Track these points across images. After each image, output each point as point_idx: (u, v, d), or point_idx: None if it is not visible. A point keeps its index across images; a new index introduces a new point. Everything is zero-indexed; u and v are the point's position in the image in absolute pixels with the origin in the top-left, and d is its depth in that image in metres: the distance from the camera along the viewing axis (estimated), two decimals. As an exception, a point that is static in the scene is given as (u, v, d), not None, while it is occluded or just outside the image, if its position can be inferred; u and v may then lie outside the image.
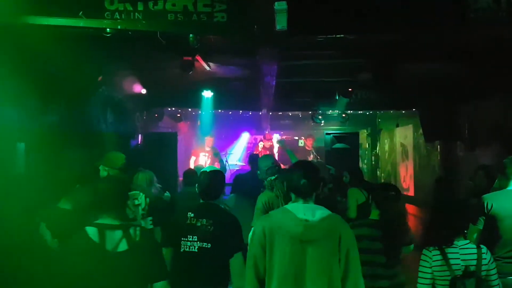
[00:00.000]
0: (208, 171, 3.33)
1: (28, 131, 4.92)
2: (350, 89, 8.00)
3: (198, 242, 2.97)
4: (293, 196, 2.55)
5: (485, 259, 2.77)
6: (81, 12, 4.58)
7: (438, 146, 9.03)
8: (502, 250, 3.65)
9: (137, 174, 4.73)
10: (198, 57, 6.17)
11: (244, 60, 6.62)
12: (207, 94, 8.66)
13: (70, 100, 5.62)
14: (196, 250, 2.96)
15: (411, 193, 10.81)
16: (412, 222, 9.67)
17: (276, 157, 10.72)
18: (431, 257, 2.77)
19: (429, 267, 2.76)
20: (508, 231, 3.65)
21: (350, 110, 9.44)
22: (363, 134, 13.21)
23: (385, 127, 12.48)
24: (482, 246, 2.83)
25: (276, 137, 12.55)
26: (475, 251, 2.77)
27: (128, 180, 4.24)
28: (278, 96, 8.47)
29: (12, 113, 4.70)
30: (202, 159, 9.83)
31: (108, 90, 6.74)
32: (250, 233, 3.25)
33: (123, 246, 2.42)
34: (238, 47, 5.94)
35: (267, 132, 12.58)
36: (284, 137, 13.49)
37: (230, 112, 10.69)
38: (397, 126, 11.25)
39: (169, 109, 10.03)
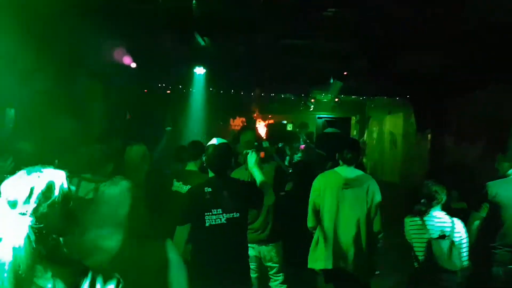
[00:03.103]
0: (216, 144, 3.21)
1: (18, 97, 4.71)
2: (345, 73, 7.93)
3: (224, 214, 2.99)
4: (341, 162, 3.86)
5: (458, 228, 3.36)
6: None
7: (429, 136, 9.05)
8: (504, 238, 3.62)
9: (130, 147, 4.50)
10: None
11: (241, 36, 6.46)
12: (199, 70, 8.47)
13: (61, 66, 5.40)
14: (225, 221, 2.98)
15: (396, 181, 10.87)
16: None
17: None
18: (411, 222, 3.49)
19: (415, 231, 3.44)
20: (511, 219, 3.62)
21: (344, 95, 9.37)
22: (352, 121, 13.21)
23: (374, 115, 12.47)
24: (457, 219, 3.43)
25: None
26: (450, 220, 3.39)
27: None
28: (272, 77, 8.35)
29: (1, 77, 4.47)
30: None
31: (100, 60, 6.51)
32: None
33: (89, 195, 3.04)
34: (237, 22, 5.77)
35: (255, 115, 12.47)
36: (272, 120, 13.39)
37: (222, 91, 10.51)
38: (389, 113, 11.23)
39: (159, 85, 9.80)
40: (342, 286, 3.81)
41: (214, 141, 3.18)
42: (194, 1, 4.34)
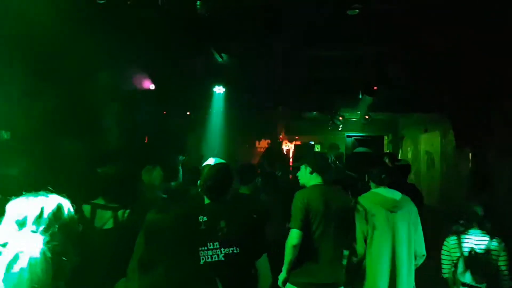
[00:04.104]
0: (213, 164, 2.78)
1: (14, 119, 4.39)
2: (375, 87, 7.34)
3: (222, 249, 2.52)
4: (372, 185, 3.60)
5: (495, 246, 3.39)
6: None
7: (470, 154, 8.25)
8: None
9: (151, 167, 4.31)
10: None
11: (260, 48, 6.00)
12: (219, 89, 8.06)
13: (65, 84, 5.03)
14: (223, 259, 2.50)
15: (435, 204, 10.04)
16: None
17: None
18: (449, 241, 3.56)
19: (447, 250, 3.56)
20: None
21: (374, 111, 8.72)
22: (385, 141, 12.49)
23: (408, 133, 11.72)
24: (496, 237, 3.42)
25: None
26: (486, 239, 3.42)
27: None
28: (296, 93, 7.85)
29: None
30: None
31: (112, 78, 6.14)
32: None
33: (109, 225, 2.82)
34: (253, 31, 5.31)
35: (281, 136, 12.03)
36: (299, 142, 12.87)
37: (243, 112, 10.05)
38: (426, 131, 10.46)
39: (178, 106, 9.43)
40: None
41: (210, 161, 2.70)
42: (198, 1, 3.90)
